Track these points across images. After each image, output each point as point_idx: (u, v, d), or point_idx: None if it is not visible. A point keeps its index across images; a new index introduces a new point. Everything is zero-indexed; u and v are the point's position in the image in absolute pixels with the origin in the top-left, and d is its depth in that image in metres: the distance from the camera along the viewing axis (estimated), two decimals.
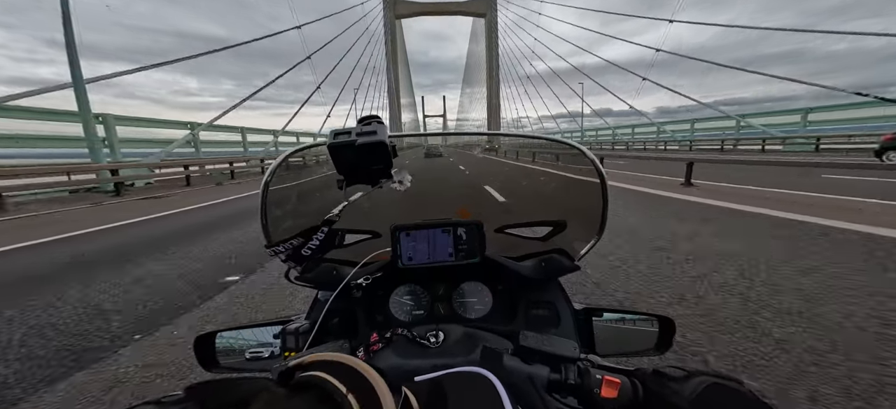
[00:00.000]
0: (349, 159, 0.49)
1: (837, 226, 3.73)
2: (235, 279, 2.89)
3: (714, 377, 0.39)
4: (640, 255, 3.15)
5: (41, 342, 2.00)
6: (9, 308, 2.44)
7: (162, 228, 5.21)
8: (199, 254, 3.70)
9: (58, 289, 2.78)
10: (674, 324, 0.65)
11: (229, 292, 2.66)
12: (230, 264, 3.30)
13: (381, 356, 0.49)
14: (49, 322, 2.23)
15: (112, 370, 1.75)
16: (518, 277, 0.70)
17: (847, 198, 5.21)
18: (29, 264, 3.58)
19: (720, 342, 1.78)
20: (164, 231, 4.95)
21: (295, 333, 0.61)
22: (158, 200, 8.39)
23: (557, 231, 0.77)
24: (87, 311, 2.39)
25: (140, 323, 2.20)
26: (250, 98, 18.87)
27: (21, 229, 5.30)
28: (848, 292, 2.23)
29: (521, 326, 0.68)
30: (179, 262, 3.44)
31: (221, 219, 5.74)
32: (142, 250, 3.92)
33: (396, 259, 0.66)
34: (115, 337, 2.05)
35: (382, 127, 0.49)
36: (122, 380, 1.66)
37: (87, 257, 3.75)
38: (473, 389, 0.37)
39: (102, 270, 3.24)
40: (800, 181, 7.03)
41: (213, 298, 2.56)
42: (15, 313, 2.37)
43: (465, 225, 0.67)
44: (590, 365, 0.49)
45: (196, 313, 2.34)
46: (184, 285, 2.83)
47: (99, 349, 1.93)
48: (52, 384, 1.64)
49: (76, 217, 6.25)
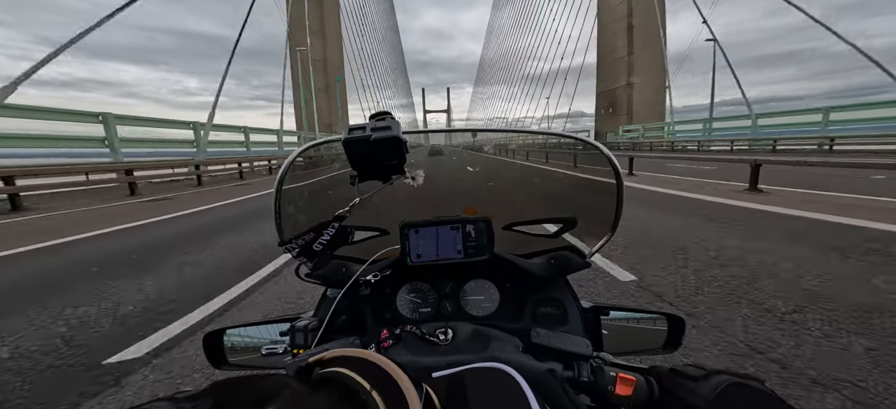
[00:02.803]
0: (363, 154, 0.50)
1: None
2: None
3: (734, 376, 0.37)
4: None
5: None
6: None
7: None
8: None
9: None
10: (684, 323, 0.64)
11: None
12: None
13: (392, 353, 0.49)
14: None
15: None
16: (526, 274, 0.70)
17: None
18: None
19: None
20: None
21: (303, 330, 0.61)
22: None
23: (567, 228, 0.76)
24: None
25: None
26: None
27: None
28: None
29: (528, 324, 0.68)
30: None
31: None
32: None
33: (405, 256, 0.66)
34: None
35: (396, 122, 0.49)
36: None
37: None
38: (495, 384, 0.37)
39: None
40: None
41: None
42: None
43: (473, 222, 0.67)
44: (603, 363, 0.48)
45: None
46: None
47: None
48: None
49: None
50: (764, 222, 4.32)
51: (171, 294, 2.65)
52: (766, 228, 4.05)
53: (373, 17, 53.16)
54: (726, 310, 2.15)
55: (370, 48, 48.17)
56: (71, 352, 1.88)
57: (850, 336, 1.83)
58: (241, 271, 3.12)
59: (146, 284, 2.87)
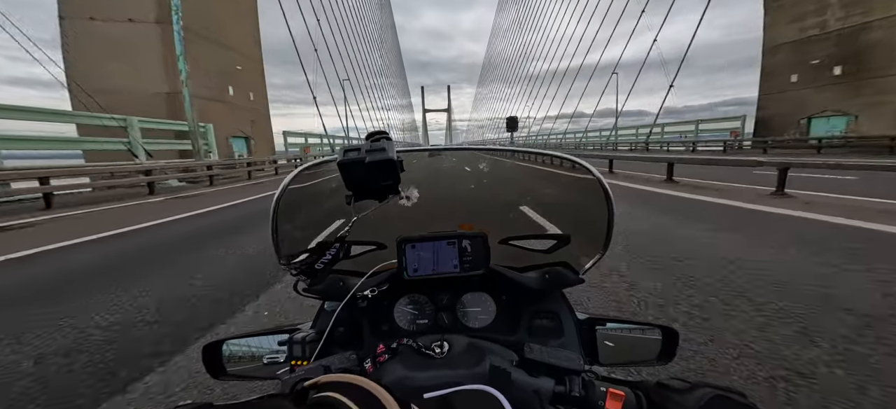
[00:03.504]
0: (358, 176, 0.51)
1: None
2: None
3: (717, 389, 0.39)
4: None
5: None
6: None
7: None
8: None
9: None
10: (677, 334, 0.65)
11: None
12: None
13: (387, 368, 0.50)
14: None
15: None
16: (522, 287, 0.70)
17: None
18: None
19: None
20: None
21: (301, 342, 0.62)
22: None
23: (561, 245, 0.77)
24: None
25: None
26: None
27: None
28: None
29: (524, 336, 0.68)
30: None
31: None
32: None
33: (402, 271, 0.67)
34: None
35: (390, 144, 0.50)
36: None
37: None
38: (482, 407, 0.38)
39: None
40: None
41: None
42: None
43: (469, 237, 0.67)
44: (594, 377, 0.49)
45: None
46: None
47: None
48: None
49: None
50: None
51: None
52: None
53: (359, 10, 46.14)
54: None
55: (358, 45, 41.53)
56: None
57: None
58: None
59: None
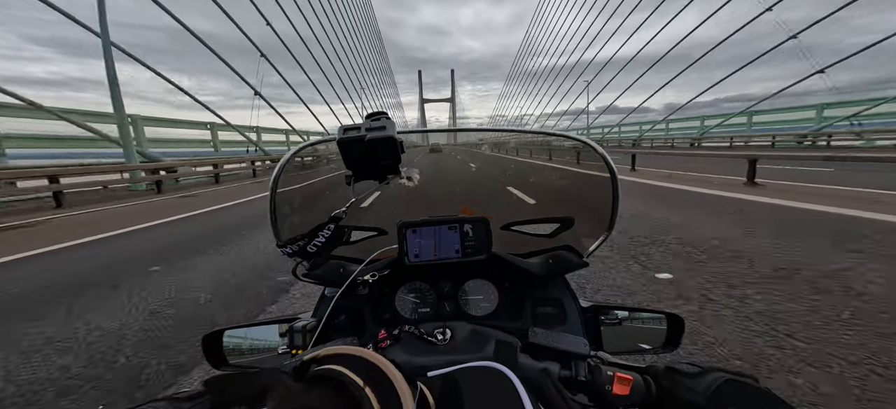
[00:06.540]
0: (358, 154, 0.49)
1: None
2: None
3: (728, 373, 0.38)
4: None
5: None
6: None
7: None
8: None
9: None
10: (683, 322, 0.64)
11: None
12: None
13: (389, 352, 0.48)
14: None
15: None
16: (525, 274, 0.69)
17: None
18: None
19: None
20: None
21: (302, 330, 0.61)
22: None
23: (565, 228, 0.75)
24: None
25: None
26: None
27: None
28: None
29: (527, 323, 0.67)
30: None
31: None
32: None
33: (403, 256, 0.66)
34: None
35: (390, 122, 0.49)
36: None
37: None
38: (489, 383, 0.37)
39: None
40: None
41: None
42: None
43: (471, 222, 0.66)
44: (600, 362, 0.48)
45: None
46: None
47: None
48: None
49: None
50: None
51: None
52: None
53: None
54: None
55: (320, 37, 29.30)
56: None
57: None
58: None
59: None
